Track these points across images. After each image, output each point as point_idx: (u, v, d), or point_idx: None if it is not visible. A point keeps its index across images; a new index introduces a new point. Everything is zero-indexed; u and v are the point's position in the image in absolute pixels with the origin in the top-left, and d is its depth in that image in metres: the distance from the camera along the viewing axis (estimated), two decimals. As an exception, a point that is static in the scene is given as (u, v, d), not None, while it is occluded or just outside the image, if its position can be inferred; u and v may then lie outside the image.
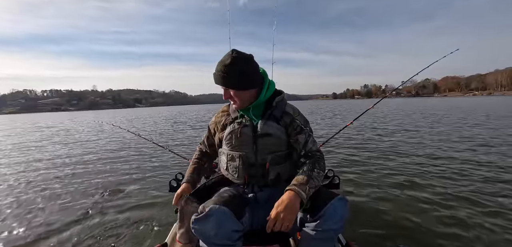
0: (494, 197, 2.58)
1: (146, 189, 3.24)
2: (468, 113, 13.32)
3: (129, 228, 2.22)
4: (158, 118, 21.34)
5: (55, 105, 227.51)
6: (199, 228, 0.93)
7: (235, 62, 1.06)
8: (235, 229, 0.96)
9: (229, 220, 0.94)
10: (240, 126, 1.16)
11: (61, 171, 4.46)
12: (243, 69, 1.08)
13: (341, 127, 2.62)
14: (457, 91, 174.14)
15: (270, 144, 1.13)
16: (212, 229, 0.91)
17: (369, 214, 2.35)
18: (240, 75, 1.08)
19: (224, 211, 0.93)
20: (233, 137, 1.16)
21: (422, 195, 2.71)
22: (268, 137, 1.13)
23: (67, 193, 3.22)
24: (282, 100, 1.21)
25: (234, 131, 1.16)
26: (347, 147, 5.57)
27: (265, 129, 1.13)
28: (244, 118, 1.18)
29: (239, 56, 1.08)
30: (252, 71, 1.11)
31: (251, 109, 1.16)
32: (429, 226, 2.09)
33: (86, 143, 7.91)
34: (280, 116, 1.16)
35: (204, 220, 0.92)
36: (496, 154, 4.36)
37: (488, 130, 7.27)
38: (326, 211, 0.96)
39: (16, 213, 2.67)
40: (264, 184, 1.18)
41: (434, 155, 4.47)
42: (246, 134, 1.14)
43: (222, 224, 0.92)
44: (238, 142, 1.16)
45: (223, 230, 0.93)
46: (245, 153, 1.15)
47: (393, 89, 3.69)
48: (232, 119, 1.21)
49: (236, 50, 1.09)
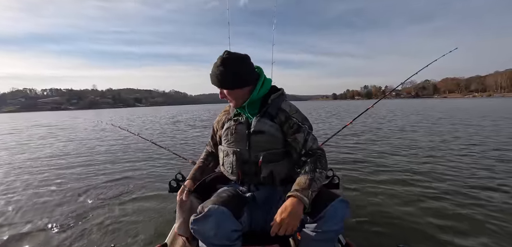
0: (495, 197, 2.59)
1: (146, 189, 3.24)
2: (469, 114, 13.34)
3: (129, 228, 2.23)
4: (159, 118, 21.33)
5: (55, 104, 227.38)
6: (198, 228, 0.94)
7: (226, 63, 1.09)
8: (234, 229, 0.96)
9: (228, 220, 0.95)
10: (235, 123, 1.19)
11: (60, 170, 4.46)
12: (235, 70, 1.09)
13: (340, 127, 2.62)
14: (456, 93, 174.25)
15: (263, 142, 1.13)
16: (211, 229, 0.92)
17: (369, 214, 2.36)
18: (233, 75, 1.10)
19: (223, 211, 0.94)
20: (229, 134, 1.20)
21: (422, 195, 2.72)
22: (261, 134, 1.13)
23: (66, 193, 3.23)
24: (279, 97, 1.20)
25: (230, 128, 1.20)
26: (346, 146, 5.58)
27: (259, 126, 1.13)
28: (241, 115, 1.21)
29: (231, 57, 1.10)
30: (245, 70, 1.12)
31: (246, 107, 1.17)
32: (429, 226, 2.10)
33: (86, 143, 7.91)
34: (275, 113, 1.16)
35: (203, 220, 0.93)
36: (497, 155, 4.37)
37: (488, 131, 7.28)
38: (326, 212, 0.96)
39: (15, 213, 2.67)
40: (258, 182, 1.18)
41: (434, 155, 4.48)
42: (241, 131, 1.17)
43: (221, 224, 0.93)
44: (233, 139, 1.19)
45: (222, 230, 0.93)
46: (239, 150, 1.16)
47: (392, 90, 3.69)
48: (230, 117, 1.25)
49: (228, 51, 1.12)
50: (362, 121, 10.57)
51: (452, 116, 12.70)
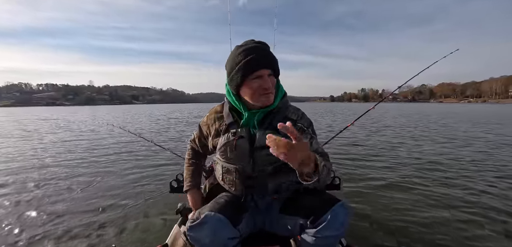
0: (496, 198, 2.61)
1: (146, 189, 3.21)
2: (470, 118, 13.47)
3: (130, 229, 2.20)
4: (157, 117, 21.21)
5: (50, 99, 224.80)
6: (194, 235, 0.91)
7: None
8: (231, 236, 0.92)
9: (225, 228, 0.91)
10: (235, 137, 1.03)
11: (59, 170, 4.42)
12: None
13: (342, 128, 2.64)
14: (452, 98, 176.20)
15: (269, 157, 1.01)
16: (207, 236, 0.89)
17: (369, 214, 2.36)
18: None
19: (220, 218, 0.91)
20: (228, 150, 1.05)
21: (423, 196, 2.73)
22: (267, 149, 0.98)
23: (66, 193, 3.19)
24: (284, 104, 1.09)
25: (229, 143, 1.04)
26: (347, 148, 5.59)
27: (264, 141, 0.98)
28: (239, 126, 1.05)
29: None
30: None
31: (257, 114, 1.03)
32: (430, 227, 2.11)
33: (85, 143, 7.85)
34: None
35: (198, 228, 0.90)
36: (498, 157, 4.43)
37: (489, 134, 7.37)
38: (327, 217, 0.92)
39: (15, 213, 2.64)
40: (264, 193, 1.10)
41: (435, 157, 4.50)
42: (242, 147, 1.03)
43: (217, 232, 0.89)
44: (233, 155, 1.05)
45: (218, 238, 0.90)
46: (241, 166, 1.05)
47: (389, 93, 3.72)
48: (226, 126, 1.08)
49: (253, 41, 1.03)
50: (362, 122, 10.62)
51: (452, 119, 12.84)
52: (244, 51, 0.96)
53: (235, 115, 1.08)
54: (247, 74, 0.96)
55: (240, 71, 0.96)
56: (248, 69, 0.95)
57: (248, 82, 0.97)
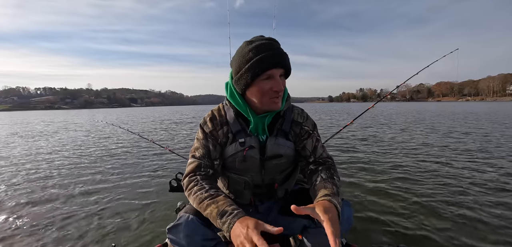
0: (496, 198, 2.62)
1: (146, 189, 3.21)
2: (466, 116, 13.53)
3: (129, 228, 2.20)
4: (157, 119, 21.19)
5: (48, 103, 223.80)
6: (172, 237, 0.87)
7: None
8: (207, 237, 0.88)
9: (199, 230, 0.86)
10: (244, 148, 0.95)
11: (58, 170, 4.40)
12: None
13: (342, 126, 2.65)
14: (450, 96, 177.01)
15: (280, 165, 0.98)
16: (182, 238, 0.86)
17: (369, 214, 2.37)
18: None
19: (193, 220, 0.86)
20: (237, 162, 0.97)
21: (423, 195, 2.74)
22: (278, 158, 0.97)
23: (65, 193, 3.18)
24: (289, 107, 1.03)
25: (237, 155, 0.96)
26: (346, 147, 5.60)
27: (275, 150, 0.96)
28: (248, 134, 0.97)
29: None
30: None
31: (267, 119, 0.96)
32: (430, 226, 2.11)
33: (85, 142, 7.82)
34: (288, 129, 1.00)
35: (175, 230, 0.87)
36: (498, 156, 4.45)
37: (488, 134, 7.41)
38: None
39: (14, 212, 2.63)
40: (270, 199, 1.08)
41: (435, 156, 4.52)
42: (253, 157, 0.96)
43: (190, 234, 0.85)
44: (242, 167, 0.98)
45: (193, 240, 0.86)
46: (250, 177, 1.00)
47: (388, 93, 3.74)
48: (232, 134, 0.98)
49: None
50: (361, 122, 10.65)
51: (454, 118, 12.88)
52: (255, 47, 0.86)
53: (241, 121, 0.97)
54: (258, 73, 0.86)
55: (251, 70, 0.86)
56: (260, 68, 0.85)
57: (258, 82, 0.88)
